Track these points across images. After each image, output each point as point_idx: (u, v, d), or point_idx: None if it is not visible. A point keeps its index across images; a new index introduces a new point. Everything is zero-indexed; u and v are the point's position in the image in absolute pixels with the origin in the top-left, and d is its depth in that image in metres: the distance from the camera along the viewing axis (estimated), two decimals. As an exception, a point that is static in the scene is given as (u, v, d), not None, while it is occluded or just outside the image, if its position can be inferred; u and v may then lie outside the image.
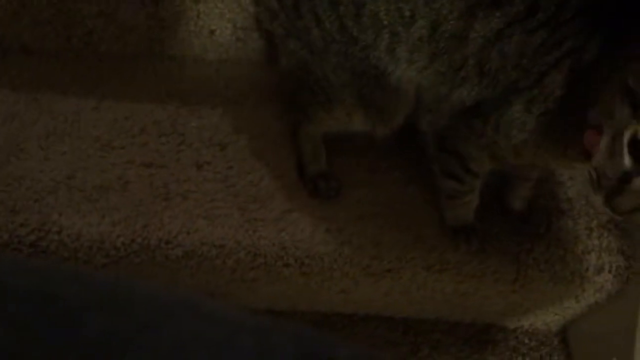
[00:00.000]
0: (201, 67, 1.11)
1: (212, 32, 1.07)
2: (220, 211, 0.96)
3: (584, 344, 1.09)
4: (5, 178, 0.96)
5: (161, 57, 1.11)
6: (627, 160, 0.63)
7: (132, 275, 0.94)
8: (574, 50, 0.73)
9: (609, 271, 0.95)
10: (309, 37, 0.86)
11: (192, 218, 0.94)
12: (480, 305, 1.05)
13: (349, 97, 0.88)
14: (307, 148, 0.99)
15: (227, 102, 1.07)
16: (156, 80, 1.09)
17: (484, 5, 0.75)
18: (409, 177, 1.00)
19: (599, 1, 0.73)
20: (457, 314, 1.10)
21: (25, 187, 0.96)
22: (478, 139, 0.82)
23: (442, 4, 0.77)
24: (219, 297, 1.02)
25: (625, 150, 0.63)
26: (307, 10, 0.85)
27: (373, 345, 1.09)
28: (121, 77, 1.09)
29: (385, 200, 0.98)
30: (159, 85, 1.09)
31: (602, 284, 0.95)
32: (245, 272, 0.96)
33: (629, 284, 0.95)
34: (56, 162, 0.99)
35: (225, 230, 0.94)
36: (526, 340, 1.13)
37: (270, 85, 1.09)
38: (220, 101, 1.07)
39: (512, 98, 0.77)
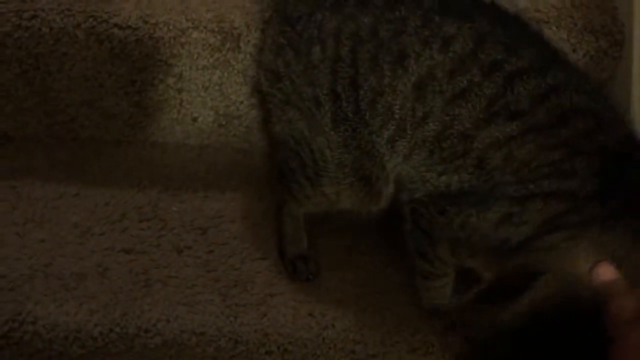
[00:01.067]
0: (183, 153, 1.13)
1: (194, 119, 1.10)
2: (201, 297, 0.95)
3: None
4: (-20, 266, 0.95)
5: (143, 143, 1.13)
6: None
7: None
8: (570, 194, 0.74)
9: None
10: (314, 110, 0.87)
11: (172, 305, 0.93)
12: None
13: (343, 175, 0.89)
14: (289, 229, 0.99)
15: (209, 186, 1.08)
16: (138, 166, 1.11)
17: (502, 117, 0.78)
18: (388, 258, 1.01)
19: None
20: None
21: (0, 276, 0.94)
22: (446, 227, 0.83)
23: (460, 112, 0.79)
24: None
25: None
26: (324, 83, 0.85)
27: None
28: (103, 163, 1.10)
29: (366, 281, 0.98)
30: (141, 171, 1.10)
31: None
32: (226, 361, 0.94)
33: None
34: (33, 250, 0.98)
35: (206, 317, 0.92)
36: None
37: (251, 170, 1.11)
38: (202, 185, 1.09)
39: (492, 202, 0.78)
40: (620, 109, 0.84)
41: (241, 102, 1.08)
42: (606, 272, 0.66)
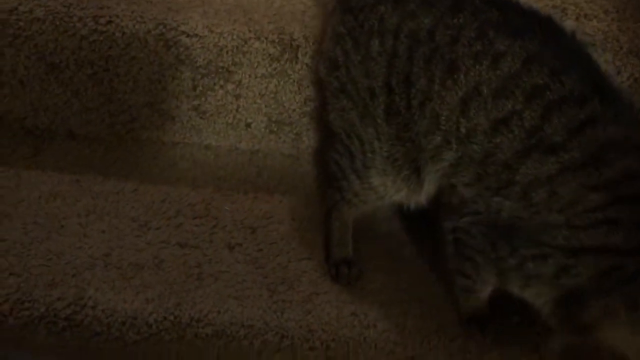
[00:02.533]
0: (235, 156, 1.19)
1: (248, 124, 1.15)
2: (250, 292, 0.99)
3: None
4: (45, 253, 1.01)
5: (199, 146, 1.18)
6: None
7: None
8: (614, 255, 0.74)
9: None
10: (367, 100, 0.88)
11: (222, 298, 0.98)
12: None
13: (391, 167, 0.90)
14: (336, 233, 1.03)
15: (259, 189, 1.14)
16: (192, 167, 1.17)
17: (540, 150, 0.78)
18: (430, 265, 1.04)
19: None
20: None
21: (64, 262, 1.00)
22: (498, 261, 0.84)
23: (502, 139, 0.80)
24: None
25: None
26: (379, 75, 0.87)
27: None
28: (159, 163, 1.17)
29: (407, 287, 1.02)
30: (195, 172, 1.16)
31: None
32: (271, 355, 0.97)
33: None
34: (94, 240, 1.04)
35: (254, 311, 0.97)
36: None
37: (299, 175, 1.16)
38: (252, 188, 1.14)
39: (548, 251, 0.78)
40: None
41: (294, 110, 1.13)
42: None
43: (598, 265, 0.75)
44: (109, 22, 1.05)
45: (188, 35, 1.05)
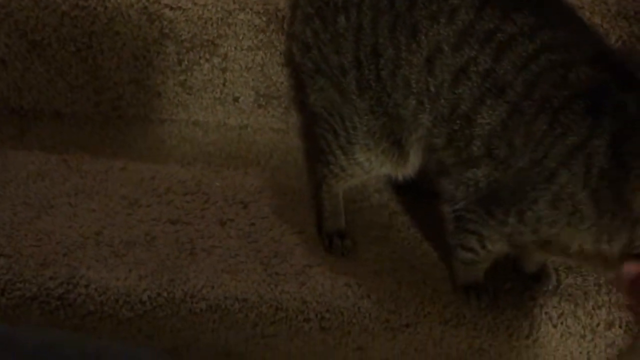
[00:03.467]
0: (224, 132, 1.18)
1: (236, 99, 1.14)
2: (244, 266, 0.99)
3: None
4: (36, 233, 1.00)
5: (186, 122, 1.17)
6: None
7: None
8: (580, 146, 0.75)
9: (620, 326, 0.98)
10: (340, 77, 0.90)
11: (216, 272, 0.98)
12: (494, 364, 1.07)
13: (373, 143, 0.92)
14: (328, 205, 1.03)
15: (249, 164, 1.13)
16: (181, 143, 1.16)
17: (492, 93, 0.80)
18: (423, 234, 1.05)
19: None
20: (470, 373, 1.12)
21: (54, 242, 0.99)
22: (500, 227, 0.85)
23: (462, 90, 0.82)
24: (236, 357, 1.03)
25: None
26: (348, 50, 0.89)
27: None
28: (147, 140, 1.16)
29: (401, 256, 1.02)
30: (184, 149, 1.15)
31: (613, 339, 0.98)
32: (265, 327, 0.98)
33: (639, 339, 0.98)
34: (85, 219, 1.03)
35: (248, 285, 0.97)
36: (539, 401, 1.14)
37: (289, 149, 1.16)
38: (242, 163, 1.13)
39: (533, 194, 0.79)
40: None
41: (281, 83, 1.12)
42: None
43: (574, 166, 0.77)
44: (90, -4, 1.03)
45: (171, 8, 1.04)
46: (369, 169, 0.96)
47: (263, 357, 1.05)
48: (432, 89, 0.84)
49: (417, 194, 1.08)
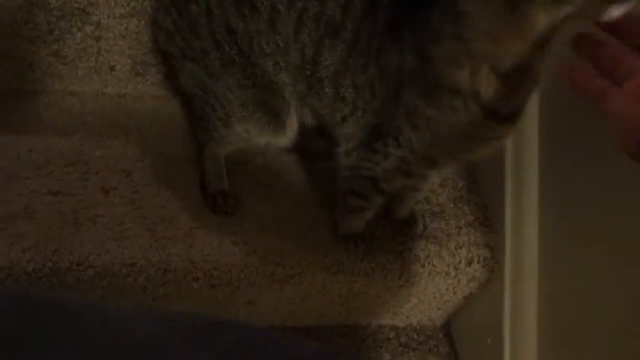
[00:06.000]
0: (102, 102, 1.17)
1: (112, 67, 1.14)
2: (130, 232, 1.01)
3: (464, 333, 1.24)
4: None
5: (62, 93, 1.15)
6: None
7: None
8: (399, 69, 0.81)
9: (479, 262, 1.10)
10: (206, 60, 0.94)
11: (102, 241, 0.99)
12: (374, 306, 1.16)
13: (248, 115, 0.97)
14: (211, 168, 1.07)
15: (130, 132, 1.14)
16: (58, 115, 1.14)
17: (329, 35, 0.86)
18: (304, 193, 1.11)
19: None
20: (353, 317, 1.21)
21: None
22: (384, 160, 0.90)
23: (303, 38, 0.88)
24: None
25: None
26: (206, 34, 0.93)
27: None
28: (23, 113, 1.13)
29: (284, 212, 1.08)
30: (62, 120, 1.13)
31: (473, 275, 1.10)
32: (156, 289, 1.01)
33: (495, 272, 1.11)
34: (-42, 196, 1.00)
35: (136, 250, 0.99)
36: (415, 336, 1.26)
37: (172, 116, 1.17)
38: (123, 132, 1.13)
39: (395, 122, 0.84)
40: None
41: (158, 50, 1.13)
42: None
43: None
44: (-54, -36, 0.98)
45: (37, -23, 1.01)
46: (248, 138, 1.01)
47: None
48: (281, 44, 0.90)
49: (299, 155, 1.15)
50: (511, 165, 1.07)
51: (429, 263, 1.08)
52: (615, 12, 0.62)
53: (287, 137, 1.01)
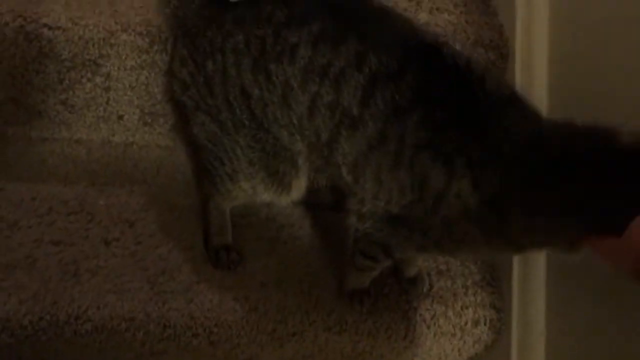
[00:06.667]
0: (108, 150, 1.17)
1: (120, 117, 1.14)
2: (130, 285, 1.00)
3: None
4: None
5: (69, 140, 1.15)
6: None
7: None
8: (444, 191, 0.79)
9: (485, 323, 1.07)
10: (218, 116, 0.93)
11: (101, 293, 0.98)
12: (377, 366, 1.14)
13: (255, 172, 0.96)
14: (215, 221, 1.06)
15: (135, 181, 1.13)
16: (64, 162, 1.14)
17: (346, 125, 0.83)
18: (308, 247, 1.10)
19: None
20: (356, 376, 1.18)
21: None
22: (406, 241, 0.88)
23: (318, 123, 0.86)
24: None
25: None
26: (219, 93, 0.92)
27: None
28: (28, 160, 1.13)
29: (287, 267, 1.06)
30: (67, 167, 1.13)
31: (479, 336, 1.08)
32: (154, 344, 0.99)
33: (501, 334, 1.09)
34: (-41, 243, 0.99)
35: (135, 304, 0.98)
36: (419, 397, 1.23)
37: (177, 166, 1.17)
38: (128, 181, 1.13)
39: (426, 222, 0.82)
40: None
41: (167, 102, 1.14)
42: None
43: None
44: (-39, 14, 1.00)
45: (50, 28, 1.02)
46: (253, 194, 1.00)
47: (153, 375, 1.05)
48: (295, 121, 0.89)
49: (304, 208, 1.14)
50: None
51: (434, 323, 1.06)
52: None
53: (293, 197, 0.99)
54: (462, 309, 1.08)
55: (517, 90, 0.83)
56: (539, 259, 1.02)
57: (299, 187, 0.97)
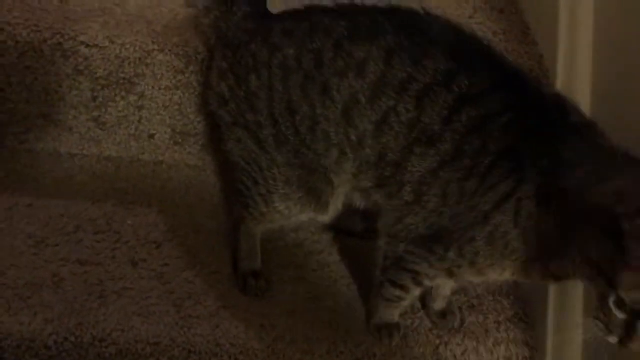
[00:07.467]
0: (137, 168, 1.16)
1: (151, 135, 1.13)
2: (156, 308, 0.98)
3: None
4: None
5: (98, 157, 1.15)
6: (620, 315, 0.69)
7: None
8: (510, 194, 0.79)
9: (517, 361, 1.04)
10: (258, 132, 0.91)
11: (127, 315, 0.96)
12: (404, 400, 1.11)
13: (292, 192, 0.93)
14: (244, 246, 1.04)
15: (163, 201, 1.12)
16: (92, 179, 1.13)
17: (422, 142, 0.82)
18: (337, 275, 1.07)
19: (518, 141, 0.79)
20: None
21: (-48, 284, 0.94)
22: (439, 262, 0.87)
23: (387, 140, 0.84)
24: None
25: (615, 309, 0.69)
26: (262, 108, 0.89)
27: None
28: (56, 176, 1.12)
29: (315, 296, 1.04)
30: (95, 185, 1.12)
31: (511, 374, 1.05)
32: (178, 371, 0.97)
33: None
34: (-14, 259, 0.98)
35: (160, 328, 0.96)
36: None
37: (206, 187, 1.15)
38: (156, 201, 1.12)
39: (471, 233, 0.82)
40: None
41: (199, 122, 1.13)
42: None
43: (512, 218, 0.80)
44: (0, 30, 1.00)
45: (87, 46, 1.02)
46: (289, 215, 0.97)
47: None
48: (354, 139, 0.86)
49: (333, 235, 1.12)
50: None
51: (465, 359, 1.02)
52: None
53: (329, 215, 0.97)
54: (494, 345, 1.04)
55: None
56: (576, 295, 0.99)
57: (335, 206, 0.95)
